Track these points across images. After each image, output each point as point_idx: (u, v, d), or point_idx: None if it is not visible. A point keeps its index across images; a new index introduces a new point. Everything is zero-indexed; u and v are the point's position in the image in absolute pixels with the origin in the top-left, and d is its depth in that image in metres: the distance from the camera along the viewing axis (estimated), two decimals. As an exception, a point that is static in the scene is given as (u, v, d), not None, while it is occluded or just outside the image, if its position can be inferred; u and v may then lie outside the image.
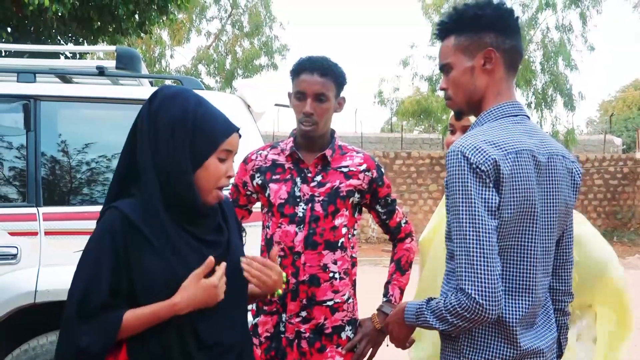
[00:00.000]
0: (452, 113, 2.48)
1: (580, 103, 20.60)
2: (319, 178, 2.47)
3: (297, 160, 2.50)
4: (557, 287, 1.97)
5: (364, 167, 2.51)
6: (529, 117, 1.88)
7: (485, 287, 1.63)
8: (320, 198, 2.44)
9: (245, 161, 2.59)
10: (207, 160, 1.77)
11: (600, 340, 2.50)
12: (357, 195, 2.50)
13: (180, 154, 1.74)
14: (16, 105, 3.40)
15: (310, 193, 2.45)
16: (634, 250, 15.51)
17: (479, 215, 1.64)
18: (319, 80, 2.41)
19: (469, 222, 1.65)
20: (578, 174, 1.91)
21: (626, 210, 18.47)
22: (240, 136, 1.89)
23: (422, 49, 20.23)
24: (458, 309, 1.66)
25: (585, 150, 20.62)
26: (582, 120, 47.97)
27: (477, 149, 1.67)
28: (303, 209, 2.43)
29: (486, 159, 1.66)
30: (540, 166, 1.77)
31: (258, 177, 2.53)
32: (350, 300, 2.52)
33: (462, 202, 1.66)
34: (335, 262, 2.45)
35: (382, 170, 2.58)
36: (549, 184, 1.80)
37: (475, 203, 1.65)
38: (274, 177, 2.50)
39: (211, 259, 1.71)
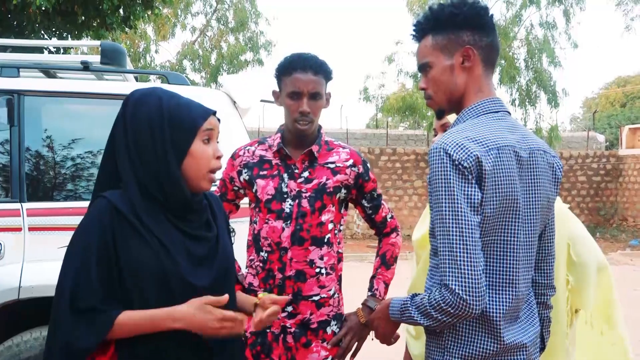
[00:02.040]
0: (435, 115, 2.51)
1: (564, 100, 20.77)
2: (306, 174, 2.48)
3: (284, 156, 2.51)
4: (540, 281, 1.99)
5: (350, 162, 2.53)
6: (509, 113, 1.90)
7: (468, 282, 1.64)
8: (307, 194, 2.45)
9: (233, 157, 2.60)
10: (191, 147, 1.78)
11: (582, 345, 2.52)
12: (343, 190, 2.51)
13: (163, 150, 1.75)
14: (-1, 100, 3.37)
15: (297, 189, 2.45)
16: (616, 246, 15.66)
17: (461, 212, 1.66)
18: (313, 79, 2.42)
19: (452, 218, 1.66)
20: (559, 168, 1.94)
21: (609, 206, 18.64)
22: (219, 120, 1.89)
23: (407, 45, 20.41)
24: (442, 305, 1.67)
25: (569, 147, 20.79)
26: (566, 117, 48.39)
27: (459, 146, 1.69)
28: (290, 204, 2.44)
29: (468, 155, 1.67)
30: (521, 161, 1.78)
31: (245, 172, 2.54)
32: (336, 295, 2.53)
33: (445, 199, 1.67)
34: (321, 258, 2.46)
35: (368, 165, 2.60)
36: (531, 179, 1.81)
37: (458, 199, 1.66)
38: (261, 172, 2.51)
39: (226, 296, 1.71)
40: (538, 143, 1.88)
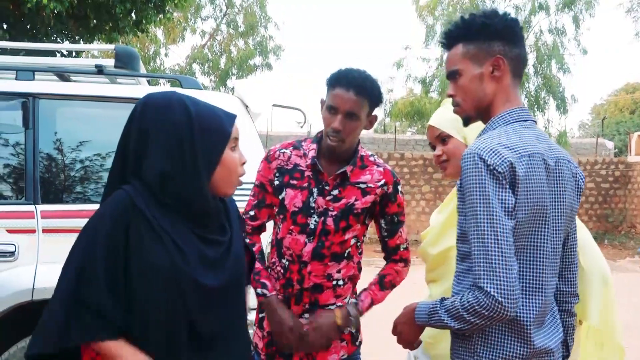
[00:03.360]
0: (427, 130, 2.49)
1: (573, 106, 20.80)
2: (335, 192, 2.45)
3: (317, 170, 2.47)
4: (564, 289, 2.01)
5: (382, 182, 2.48)
6: (535, 122, 1.93)
7: (504, 285, 1.66)
8: (334, 213, 2.43)
9: (268, 159, 2.55)
10: (223, 155, 1.76)
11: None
12: (370, 206, 2.48)
13: (193, 162, 1.70)
14: (15, 103, 3.40)
15: (324, 206, 2.43)
16: (624, 253, 15.59)
17: (496, 216, 1.69)
18: (353, 98, 2.36)
19: (487, 222, 1.69)
20: (581, 178, 1.97)
21: (617, 213, 18.56)
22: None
23: (415, 50, 20.55)
24: (476, 307, 1.69)
25: (578, 154, 20.71)
26: (575, 124, 48.27)
27: (494, 152, 1.72)
28: (315, 221, 2.43)
29: (502, 161, 1.71)
30: (549, 169, 1.81)
31: (277, 177, 2.51)
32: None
33: (480, 203, 1.70)
34: (339, 271, 2.47)
35: (399, 188, 2.54)
36: (557, 187, 1.84)
37: (492, 204, 1.69)
38: (291, 181, 2.48)
39: None
40: (562, 152, 1.91)
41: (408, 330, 1.99)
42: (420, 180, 17.86)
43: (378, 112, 2.57)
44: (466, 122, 2.00)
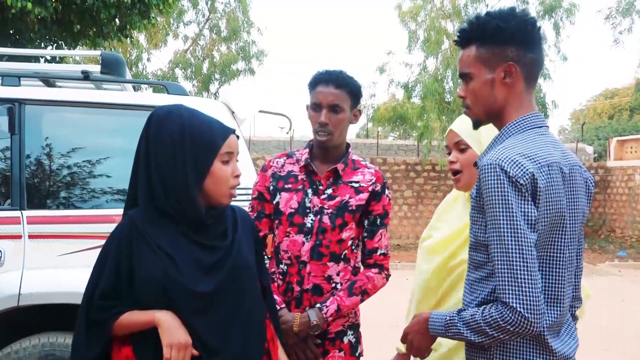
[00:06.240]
0: (447, 132, 2.47)
1: (553, 112, 20.86)
2: (329, 191, 2.52)
3: (310, 171, 2.55)
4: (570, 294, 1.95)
5: (372, 181, 2.56)
6: (548, 127, 1.89)
7: (530, 300, 1.63)
8: (329, 211, 2.49)
9: (264, 169, 2.64)
10: (212, 167, 1.84)
11: None
12: (364, 203, 2.53)
13: (183, 171, 1.82)
14: (1, 109, 3.40)
15: (320, 205, 2.50)
16: (604, 257, 15.74)
17: (520, 229, 1.65)
18: (333, 92, 2.49)
19: (511, 236, 1.65)
20: (592, 182, 1.94)
21: (597, 217, 18.76)
22: (237, 137, 1.96)
23: (398, 55, 20.67)
24: (500, 322, 1.66)
25: (558, 159, 20.86)
26: (555, 129, 48.56)
27: (515, 163, 1.68)
28: (312, 220, 2.48)
29: (524, 172, 1.67)
30: (565, 178, 1.78)
31: (271, 182, 2.58)
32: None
33: (503, 216, 1.66)
34: (338, 274, 2.50)
35: (386, 190, 2.59)
36: (572, 196, 1.80)
37: (516, 216, 1.65)
38: (285, 186, 2.55)
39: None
40: (575, 158, 1.88)
41: (420, 339, 1.95)
42: (403, 185, 17.95)
43: (361, 117, 2.66)
44: (476, 125, 1.96)
